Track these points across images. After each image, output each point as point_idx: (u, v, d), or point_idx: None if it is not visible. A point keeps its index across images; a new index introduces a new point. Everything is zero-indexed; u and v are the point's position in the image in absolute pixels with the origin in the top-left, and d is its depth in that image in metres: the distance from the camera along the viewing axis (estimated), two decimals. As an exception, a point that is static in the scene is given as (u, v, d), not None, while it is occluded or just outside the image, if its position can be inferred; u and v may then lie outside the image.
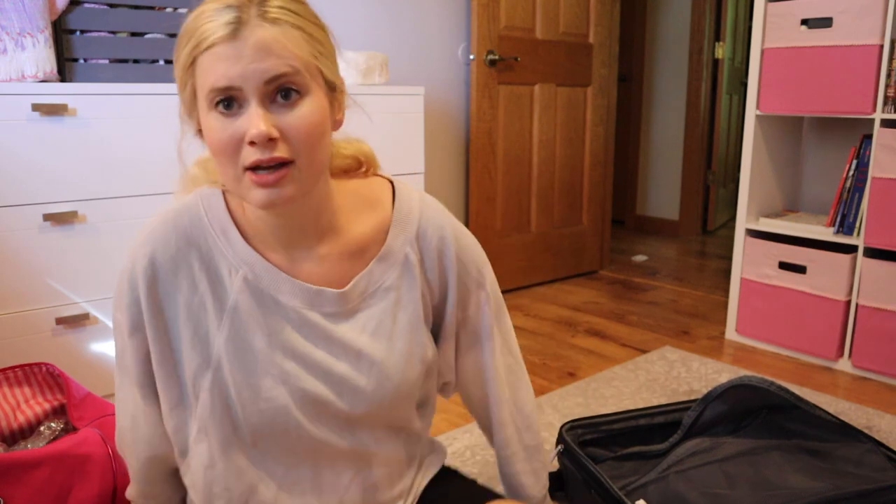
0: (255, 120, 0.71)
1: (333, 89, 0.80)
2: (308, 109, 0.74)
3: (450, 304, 0.95)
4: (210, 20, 0.72)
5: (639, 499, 1.30)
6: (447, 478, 1.05)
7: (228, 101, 0.73)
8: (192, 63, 0.73)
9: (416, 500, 1.00)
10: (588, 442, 1.51)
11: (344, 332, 0.86)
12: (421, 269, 0.91)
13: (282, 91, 0.73)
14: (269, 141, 0.72)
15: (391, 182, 0.94)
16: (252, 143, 0.72)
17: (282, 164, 0.73)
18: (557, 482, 1.37)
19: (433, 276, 0.93)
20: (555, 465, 1.35)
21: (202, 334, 0.82)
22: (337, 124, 0.83)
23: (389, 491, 0.95)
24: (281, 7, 0.73)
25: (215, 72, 0.71)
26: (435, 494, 1.01)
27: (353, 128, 0.91)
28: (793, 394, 1.44)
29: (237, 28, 0.71)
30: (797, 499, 1.22)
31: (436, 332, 0.98)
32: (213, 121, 0.74)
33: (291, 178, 0.74)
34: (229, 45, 0.71)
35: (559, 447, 1.39)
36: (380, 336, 0.88)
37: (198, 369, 0.83)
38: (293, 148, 0.74)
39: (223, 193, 0.87)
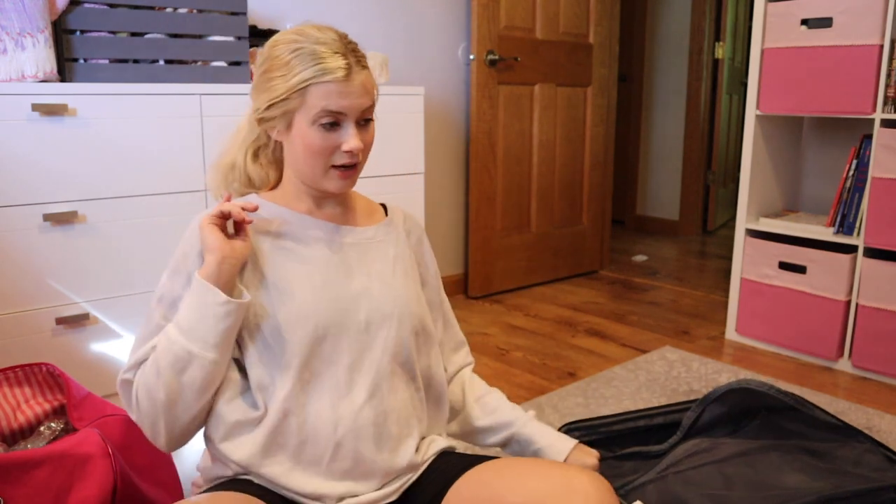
0: (354, 138, 1.02)
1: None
2: (372, 128, 1.07)
3: (431, 285, 1.22)
4: (327, 60, 0.99)
5: (636, 499, 1.30)
6: (452, 453, 1.14)
7: (333, 122, 1.00)
8: (305, 88, 0.99)
9: (424, 468, 1.09)
10: (587, 443, 1.50)
11: (358, 260, 1.10)
12: (408, 242, 1.19)
13: (364, 118, 1.04)
14: (356, 152, 1.02)
15: None
16: (348, 152, 1.02)
17: (354, 165, 1.05)
18: None
19: (417, 253, 1.21)
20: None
21: (251, 263, 1.05)
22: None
23: (398, 428, 1.06)
24: (363, 56, 1.05)
25: (330, 100, 0.99)
26: (442, 463, 1.10)
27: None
28: (792, 396, 1.44)
29: (349, 72, 1.00)
30: (795, 498, 1.22)
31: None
32: (316, 133, 1.01)
33: (357, 171, 1.07)
34: (343, 83, 0.99)
35: None
36: (386, 270, 1.12)
37: (245, 285, 1.03)
38: (365, 151, 1.06)
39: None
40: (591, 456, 1.19)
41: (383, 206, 1.22)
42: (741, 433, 1.51)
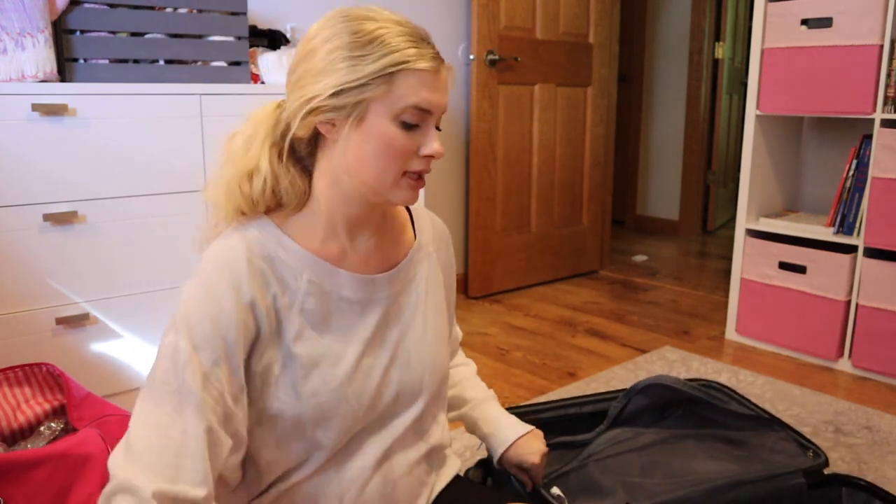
0: (437, 142, 0.86)
1: None
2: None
3: (450, 290, 1.09)
4: (414, 45, 0.83)
5: (559, 488, 1.31)
6: (456, 484, 1.08)
7: (415, 122, 0.84)
8: (394, 73, 0.82)
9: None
10: None
11: (394, 315, 0.96)
12: (438, 262, 1.04)
13: (437, 125, 0.88)
14: (441, 154, 0.87)
15: None
16: (428, 157, 0.87)
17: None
18: (485, 470, 1.38)
19: (444, 265, 1.07)
20: (483, 453, 1.36)
21: (273, 334, 0.87)
22: None
23: (407, 497, 0.98)
24: None
25: (422, 93, 0.83)
26: (448, 500, 1.04)
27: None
28: (705, 391, 1.47)
29: (438, 65, 0.85)
30: (703, 483, 1.24)
31: None
32: (395, 132, 0.84)
33: (423, 185, 0.91)
34: (434, 76, 0.84)
35: None
36: (417, 318, 0.98)
37: (267, 365, 0.86)
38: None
39: (270, 219, 0.91)
40: (537, 444, 1.12)
41: (408, 209, 1.06)
42: (664, 423, 1.54)
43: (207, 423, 0.79)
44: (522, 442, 1.12)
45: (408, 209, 1.04)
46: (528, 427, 1.14)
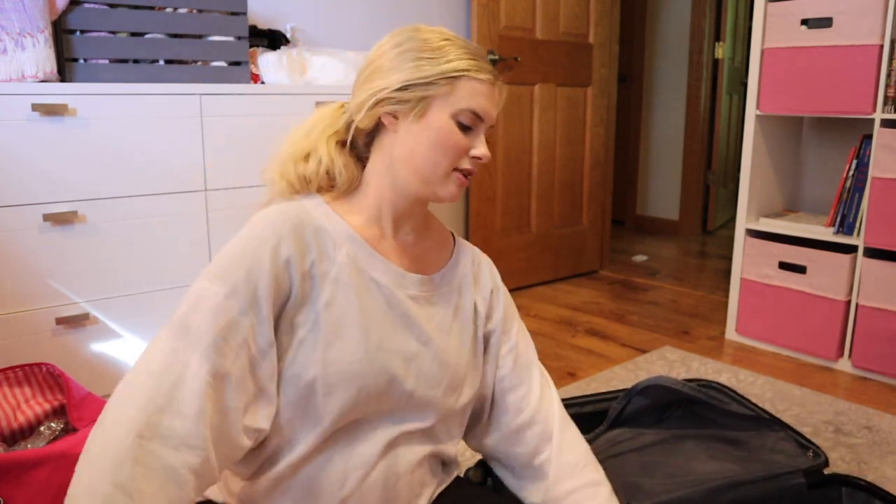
0: (485, 147, 0.96)
1: None
2: None
3: (496, 329, 1.09)
4: (478, 59, 0.95)
5: None
6: (456, 486, 1.08)
7: (470, 124, 0.94)
8: (457, 78, 0.93)
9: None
10: None
11: (419, 316, 0.98)
12: (476, 288, 1.08)
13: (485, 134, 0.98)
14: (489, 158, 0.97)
15: None
16: (476, 158, 0.95)
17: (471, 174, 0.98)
18: (485, 470, 1.38)
19: (485, 295, 1.09)
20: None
21: (307, 297, 0.90)
22: None
23: (408, 492, 0.98)
24: None
25: (479, 101, 0.94)
26: (448, 500, 1.04)
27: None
28: (704, 391, 1.47)
29: (495, 81, 0.97)
30: (703, 483, 1.24)
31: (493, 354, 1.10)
32: (452, 129, 0.93)
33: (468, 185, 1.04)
34: (490, 88, 0.95)
35: None
36: (443, 329, 1.01)
37: (295, 326, 0.90)
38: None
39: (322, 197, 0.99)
40: None
41: (451, 233, 1.12)
42: (664, 423, 1.54)
43: (215, 366, 0.82)
44: None
45: (452, 234, 1.10)
46: None
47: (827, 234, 2.37)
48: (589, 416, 1.60)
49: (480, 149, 0.95)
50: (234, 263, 0.86)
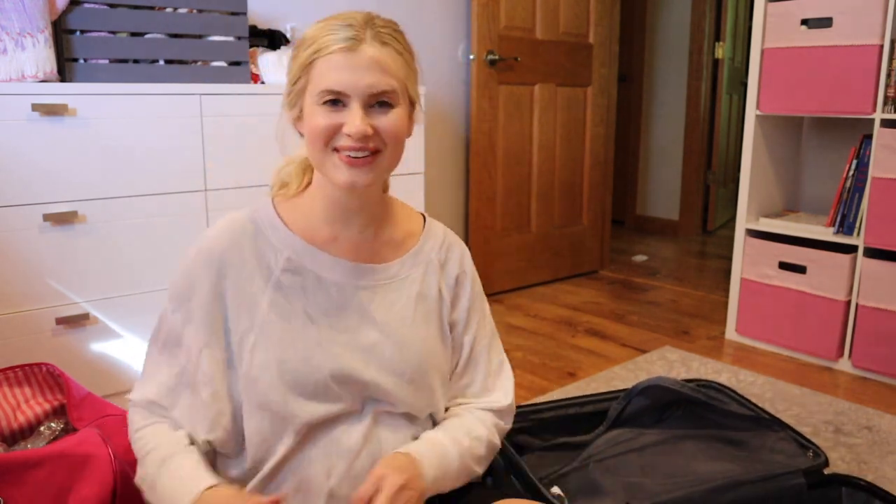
0: (356, 119, 0.88)
1: (413, 106, 0.97)
2: (396, 116, 0.92)
3: (459, 320, 1.07)
4: (331, 33, 0.89)
5: (559, 488, 1.31)
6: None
7: (335, 101, 0.89)
8: (310, 64, 0.90)
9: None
10: (518, 430, 1.51)
11: (376, 307, 0.99)
12: (441, 273, 1.05)
13: (379, 102, 0.90)
14: (365, 137, 0.89)
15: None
16: (349, 136, 0.89)
17: (372, 152, 0.91)
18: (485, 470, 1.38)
19: (450, 283, 1.06)
20: None
21: (249, 303, 0.95)
22: (409, 133, 0.98)
23: None
24: (390, 33, 0.92)
25: (330, 76, 0.88)
26: (447, 500, 1.04)
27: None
28: (704, 392, 1.47)
29: (354, 44, 0.88)
30: (703, 483, 1.24)
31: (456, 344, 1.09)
32: (319, 113, 0.90)
33: (376, 164, 0.92)
34: (345, 55, 0.88)
35: None
36: (404, 317, 1.00)
37: (244, 333, 0.94)
38: (383, 141, 0.91)
39: (272, 199, 1.02)
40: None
41: (423, 216, 1.09)
42: (664, 423, 1.54)
43: (172, 379, 0.97)
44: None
45: (423, 220, 1.08)
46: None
47: (827, 234, 2.37)
48: (589, 416, 1.60)
49: (349, 125, 0.88)
50: (178, 279, 0.97)
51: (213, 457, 0.99)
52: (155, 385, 0.99)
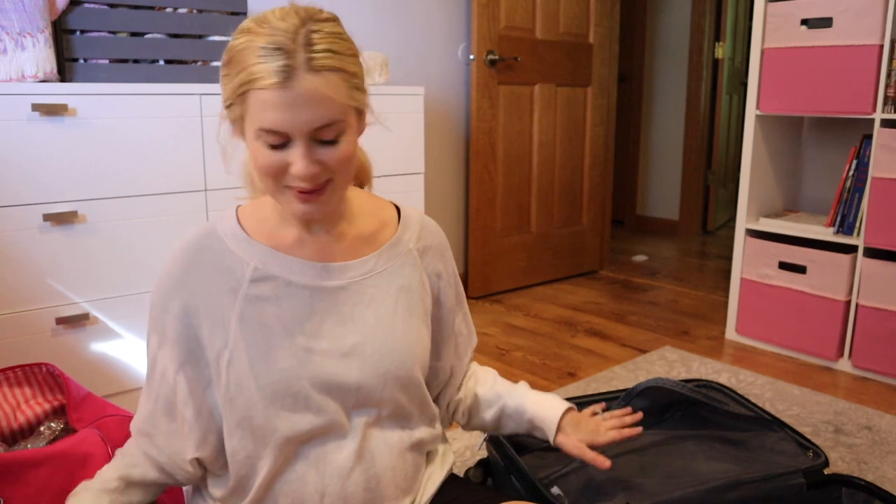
0: (302, 161, 0.80)
1: (362, 113, 0.89)
2: (345, 145, 0.83)
3: (447, 306, 1.07)
4: (261, 61, 0.77)
5: (559, 488, 1.31)
6: (454, 484, 1.07)
7: (275, 142, 0.81)
8: (244, 94, 0.80)
9: None
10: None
11: (352, 306, 0.94)
12: (421, 264, 1.02)
13: (322, 138, 0.82)
14: (313, 176, 0.82)
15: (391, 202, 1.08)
16: (296, 176, 0.82)
17: (324, 183, 0.85)
18: (485, 470, 1.38)
19: (431, 272, 1.03)
20: (483, 453, 1.36)
21: (220, 320, 0.91)
22: (361, 132, 0.91)
23: (393, 490, 0.96)
24: (326, 52, 0.79)
25: (266, 116, 0.79)
26: (447, 500, 1.03)
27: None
28: (704, 392, 1.47)
29: (287, 77, 0.77)
30: (703, 483, 1.24)
31: (436, 339, 1.08)
32: (262, 152, 0.82)
33: (330, 191, 0.86)
34: (279, 92, 0.77)
35: (486, 435, 1.40)
36: (384, 314, 0.96)
37: (219, 350, 0.91)
38: (332, 171, 0.84)
39: (236, 209, 0.98)
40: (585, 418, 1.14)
41: (397, 207, 1.05)
42: (664, 424, 1.54)
43: (150, 404, 0.96)
44: (568, 416, 1.13)
45: (398, 210, 1.04)
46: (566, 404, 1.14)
47: (827, 234, 2.37)
48: None
49: (294, 167, 0.81)
50: (153, 303, 0.95)
51: (203, 476, 0.98)
52: (140, 412, 0.98)
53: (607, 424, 1.14)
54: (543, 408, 1.12)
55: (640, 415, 1.17)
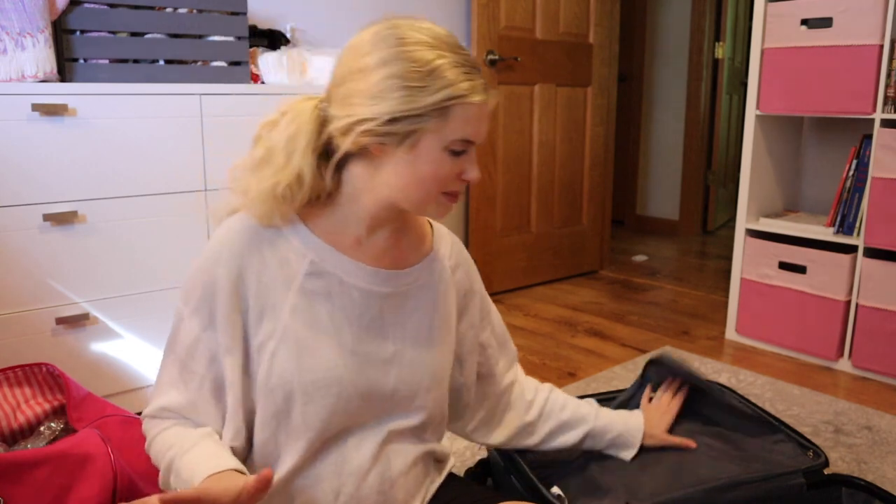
0: (475, 168, 0.90)
1: None
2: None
3: (469, 322, 1.10)
4: (468, 78, 0.85)
5: (558, 486, 1.31)
6: (454, 484, 1.08)
7: (462, 149, 0.88)
8: (446, 108, 0.84)
9: None
10: None
11: (395, 314, 0.97)
12: (452, 280, 1.05)
13: None
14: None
15: None
16: (465, 181, 0.90)
17: None
18: (485, 470, 1.38)
19: (460, 289, 1.08)
20: (483, 453, 1.36)
21: (270, 308, 0.90)
22: None
23: (404, 495, 0.98)
24: None
25: (468, 127, 0.86)
26: (447, 499, 1.04)
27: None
28: (707, 382, 1.46)
29: (486, 94, 0.87)
30: (703, 483, 1.24)
31: (458, 354, 1.10)
32: (446, 160, 0.87)
33: None
34: (483, 107, 0.87)
35: None
36: (421, 325, 0.99)
37: (264, 339, 0.90)
38: None
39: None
40: (662, 416, 1.32)
41: (429, 223, 1.08)
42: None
43: (192, 395, 0.92)
44: (648, 425, 1.29)
45: (430, 223, 1.07)
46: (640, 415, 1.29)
47: (827, 234, 2.37)
48: None
49: (471, 172, 0.90)
50: (194, 282, 0.91)
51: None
52: (173, 397, 0.93)
53: (661, 404, 1.34)
54: (627, 425, 1.26)
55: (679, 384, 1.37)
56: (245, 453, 0.94)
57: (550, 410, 1.21)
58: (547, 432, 1.20)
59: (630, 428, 1.26)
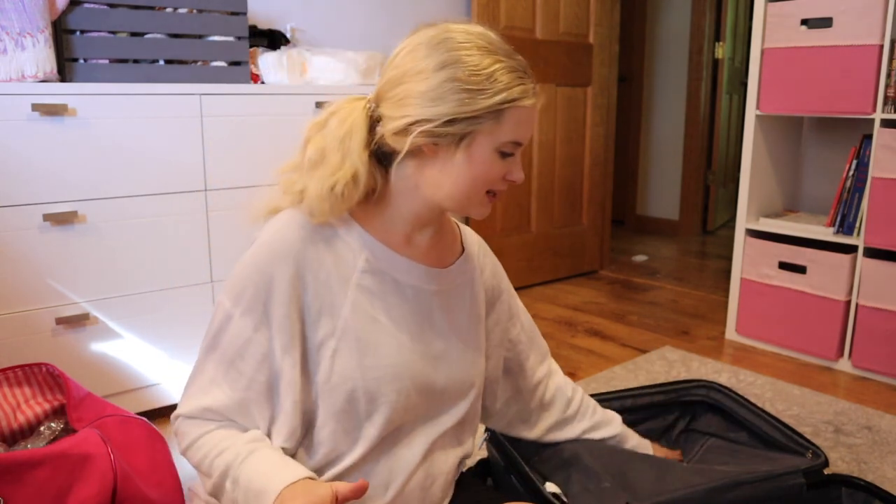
0: (521, 170, 0.93)
1: None
2: None
3: (495, 319, 1.13)
4: (522, 82, 0.88)
5: (559, 487, 1.31)
6: (459, 483, 1.11)
7: (512, 151, 0.90)
8: (501, 111, 0.87)
9: None
10: None
11: (441, 312, 1.00)
12: (481, 279, 1.08)
13: None
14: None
15: None
16: (510, 181, 0.93)
17: None
18: (485, 469, 1.38)
19: (488, 287, 1.11)
20: (483, 453, 1.36)
21: (329, 306, 0.91)
22: None
23: (441, 494, 1.02)
24: None
25: (520, 129, 0.89)
26: (456, 502, 1.07)
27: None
28: (751, 407, 1.47)
29: (536, 98, 0.90)
30: (703, 483, 1.24)
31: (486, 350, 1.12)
32: (494, 160, 0.90)
33: None
34: (532, 110, 0.90)
35: (486, 433, 1.40)
36: (461, 323, 1.02)
37: (323, 338, 0.90)
38: None
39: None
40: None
41: (456, 223, 1.11)
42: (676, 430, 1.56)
43: (240, 395, 0.90)
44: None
45: (457, 224, 1.10)
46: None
47: (827, 234, 2.37)
48: (647, 406, 1.60)
49: (516, 173, 0.92)
50: (246, 279, 0.89)
51: None
52: (217, 397, 0.91)
53: (665, 451, 1.40)
54: (640, 439, 1.33)
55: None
56: (294, 454, 0.93)
57: (585, 409, 1.25)
58: (581, 430, 1.25)
59: (643, 442, 1.33)
